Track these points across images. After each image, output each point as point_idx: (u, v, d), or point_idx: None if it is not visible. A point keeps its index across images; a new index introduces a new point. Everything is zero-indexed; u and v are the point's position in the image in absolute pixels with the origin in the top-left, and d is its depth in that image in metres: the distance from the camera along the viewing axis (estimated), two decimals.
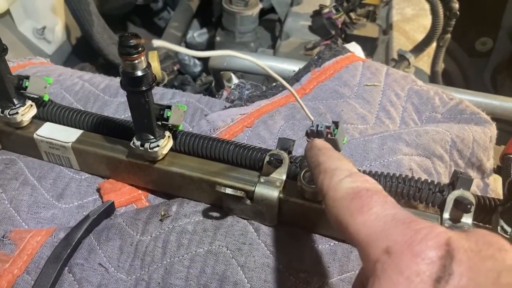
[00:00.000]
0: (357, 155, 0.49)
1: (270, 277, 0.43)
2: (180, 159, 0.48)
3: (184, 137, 0.48)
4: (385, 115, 0.56)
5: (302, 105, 0.41)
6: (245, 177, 0.46)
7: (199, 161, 0.48)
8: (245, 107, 0.56)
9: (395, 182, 0.43)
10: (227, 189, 0.44)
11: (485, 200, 0.43)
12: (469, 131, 0.53)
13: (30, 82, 0.50)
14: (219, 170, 0.47)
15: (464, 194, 0.41)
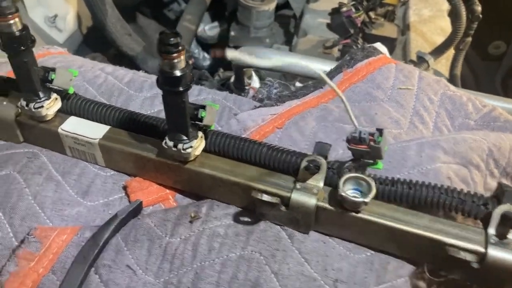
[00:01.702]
0: (395, 162, 0.47)
1: (305, 286, 0.42)
2: (212, 160, 0.47)
3: (215, 137, 0.47)
4: (419, 120, 0.55)
5: (349, 110, 0.39)
6: (280, 183, 0.44)
7: (231, 163, 0.46)
8: (275, 107, 0.54)
9: (437, 192, 0.42)
10: (264, 195, 0.42)
11: None
12: (506, 140, 0.52)
13: (56, 75, 0.49)
14: (252, 174, 0.45)
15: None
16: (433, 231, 0.41)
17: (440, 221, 0.41)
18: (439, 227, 0.41)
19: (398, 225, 0.41)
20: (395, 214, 0.42)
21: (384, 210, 0.42)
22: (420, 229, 0.41)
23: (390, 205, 0.43)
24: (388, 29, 1.08)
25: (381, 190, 0.43)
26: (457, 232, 0.41)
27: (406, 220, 0.41)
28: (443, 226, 0.41)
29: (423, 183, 0.42)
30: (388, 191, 0.42)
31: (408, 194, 0.42)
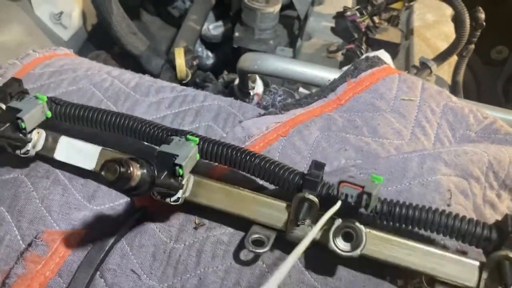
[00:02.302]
0: (396, 172, 0.48)
1: None
2: (205, 188, 0.46)
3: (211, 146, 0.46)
4: (421, 131, 0.56)
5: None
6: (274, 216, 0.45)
7: (225, 191, 0.46)
8: (280, 115, 0.55)
9: (437, 218, 0.42)
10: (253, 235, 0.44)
11: None
12: (506, 153, 0.53)
13: (25, 121, 0.47)
14: (246, 203, 0.46)
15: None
16: (427, 268, 0.42)
17: (434, 255, 0.42)
18: (432, 264, 0.42)
19: (391, 260, 0.42)
20: (391, 252, 0.42)
21: (380, 248, 0.43)
22: (413, 266, 0.42)
23: (385, 238, 0.43)
24: (392, 34, 1.08)
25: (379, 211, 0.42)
26: (450, 268, 0.42)
27: (399, 258, 0.42)
28: (436, 260, 0.42)
29: (424, 207, 0.42)
30: (387, 213, 0.42)
31: (406, 216, 0.42)
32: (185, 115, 0.57)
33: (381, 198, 0.42)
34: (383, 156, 0.51)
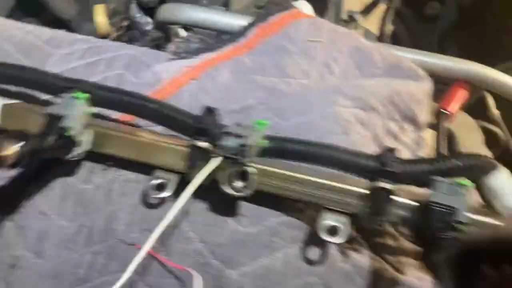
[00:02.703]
0: (298, 106, 0.51)
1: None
2: (107, 139, 0.47)
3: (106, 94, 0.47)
4: (327, 71, 0.58)
5: None
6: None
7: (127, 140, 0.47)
8: (190, 60, 0.56)
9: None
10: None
11: None
12: (404, 86, 0.56)
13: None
14: (148, 150, 0.47)
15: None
16: (315, 198, 0.45)
17: (321, 185, 0.45)
18: (320, 193, 0.45)
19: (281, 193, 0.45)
20: (282, 185, 0.45)
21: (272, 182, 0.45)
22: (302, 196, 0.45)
23: (276, 172, 0.45)
24: None
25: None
26: (336, 197, 0.45)
27: (290, 189, 0.45)
28: (323, 190, 0.45)
29: (307, 142, 0.45)
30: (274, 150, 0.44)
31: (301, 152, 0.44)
32: (97, 65, 0.57)
33: (271, 136, 0.45)
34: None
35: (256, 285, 0.45)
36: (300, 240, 0.47)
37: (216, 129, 0.44)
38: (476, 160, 0.43)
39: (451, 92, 0.65)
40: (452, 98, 0.64)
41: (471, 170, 0.43)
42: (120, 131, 0.47)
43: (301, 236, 0.47)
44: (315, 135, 0.49)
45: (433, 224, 0.39)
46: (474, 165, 0.43)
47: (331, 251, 0.47)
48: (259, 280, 0.45)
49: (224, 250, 0.46)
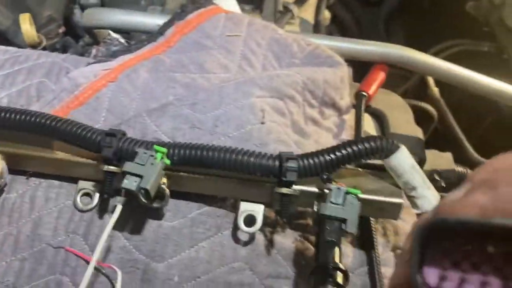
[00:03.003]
0: (214, 99, 0.52)
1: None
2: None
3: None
4: (247, 64, 0.60)
5: None
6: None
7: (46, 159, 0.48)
8: (108, 63, 0.57)
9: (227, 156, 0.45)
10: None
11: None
12: (320, 73, 0.59)
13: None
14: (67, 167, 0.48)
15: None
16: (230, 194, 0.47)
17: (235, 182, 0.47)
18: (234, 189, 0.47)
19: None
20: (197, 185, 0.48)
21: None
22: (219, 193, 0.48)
23: (190, 177, 0.47)
24: None
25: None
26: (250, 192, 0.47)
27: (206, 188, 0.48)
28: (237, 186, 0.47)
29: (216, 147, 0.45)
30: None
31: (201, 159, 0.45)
32: (17, 75, 0.57)
33: (171, 145, 0.45)
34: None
35: (183, 275, 0.47)
36: (224, 228, 0.49)
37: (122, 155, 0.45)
38: (377, 143, 0.45)
39: (370, 75, 0.68)
40: (370, 81, 0.67)
41: (373, 153, 0.45)
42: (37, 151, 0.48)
43: (224, 224, 0.49)
44: (232, 126, 0.51)
45: (323, 231, 0.42)
46: (376, 148, 0.45)
47: (256, 236, 0.49)
48: (185, 271, 0.47)
49: (149, 244, 0.47)
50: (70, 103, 0.53)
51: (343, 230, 0.41)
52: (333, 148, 0.44)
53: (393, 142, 0.45)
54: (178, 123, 0.51)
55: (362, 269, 0.49)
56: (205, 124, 0.51)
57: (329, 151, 0.44)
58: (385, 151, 0.45)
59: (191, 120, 0.51)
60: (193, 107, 0.51)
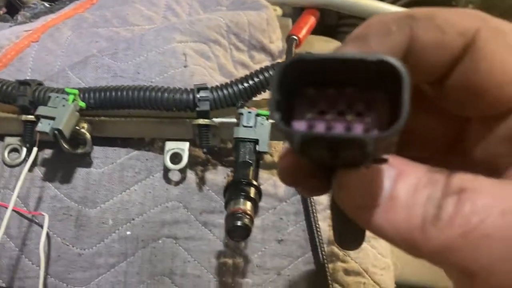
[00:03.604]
0: (135, 47, 0.53)
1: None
2: None
3: None
4: (172, 14, 0.61)
5: None
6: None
7: None
8: (29, 24, 0.57)
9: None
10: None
11: None
12: (243, 16, 0.59)
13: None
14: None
15: None
16: (154, 134, 0.48)
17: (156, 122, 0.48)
18: (157, 129, 0.48)
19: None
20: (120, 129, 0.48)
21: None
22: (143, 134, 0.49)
23: (112, 121, 0.47)
24: None
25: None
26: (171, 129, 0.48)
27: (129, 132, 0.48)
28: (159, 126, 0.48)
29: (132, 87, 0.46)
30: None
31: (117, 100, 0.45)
32: None
33: (84, 89, 0.46)
34: None
35: (117, 218, 0.48)
36: (155, 171, 0.50)
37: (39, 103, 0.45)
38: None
39: (301, 19, 0.69)
40: (301, 24, 0.67)
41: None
42: None
43: (154, 167, 0.50)
44: (155, 72, 0.52)
45: (239, 153, 0.43)
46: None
47: (187, 175, 0.50)
48: (119, 214, 0.48)
49: (80, 192, 0.48)
50: None
51: (257, 151, 0.42)
52: (245, 76, 0.45)
53: None
54: (101, 73, 0.51)
55: (294, 198, 0.51)
56: (127, 72, 0.51)
57: (242, 80, 0.45)
58: None
59: (113, 69, 0.51)
60: (114, 56, 0.52)
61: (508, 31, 0.20)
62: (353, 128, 0.18)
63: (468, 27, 0.20)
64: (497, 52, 0.19)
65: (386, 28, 0.20)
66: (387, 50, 0.20)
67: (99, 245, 0.47)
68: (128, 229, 0.48)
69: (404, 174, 0.19)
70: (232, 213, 0.38)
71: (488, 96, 0.20)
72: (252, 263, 0.48)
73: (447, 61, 0.20)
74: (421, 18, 0.20)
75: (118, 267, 0.47)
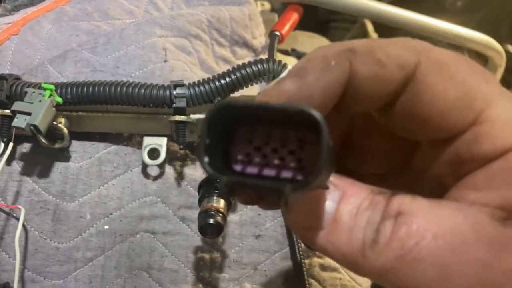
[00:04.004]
0: (114, 42, 0.53)
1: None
2: None
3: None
4: (154, 8, 0.61)
5: None
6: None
7: None
8: (9, 17, 0.57)
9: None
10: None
11: None
12: (225, 11, 0.59)
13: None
14: None
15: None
16: (133, 130, 0.48)
17: (132, 119, 0.48)
18: (134, 126, 0.49)
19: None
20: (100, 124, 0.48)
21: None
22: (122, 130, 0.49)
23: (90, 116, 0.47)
24: None
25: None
26: (149, 125, 0.48)
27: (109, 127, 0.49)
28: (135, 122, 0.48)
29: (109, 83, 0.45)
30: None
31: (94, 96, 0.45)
32: None
33: (60, 84, 0.45)
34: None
35: (95, 213, 0.48)
36: (133, 165, 0.50)
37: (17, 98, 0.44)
38: (264, 65, 0.46)
39: (284, 16, 0.69)
40: (284, 21, 0.68)
41: (262, 75, 0.46)
42: None
43: (133, 162, 0.50)
44: (134, 66, 0.52)
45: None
46: (263, 70, 0.46)
47: (166, 170, 0.50)
48: (97, 208, 0.48)
49: (58, 186, 0.48)
50: None
51: None
52: (223, 73, 0.46)
53: (280, 63, 0.46)
54: (80, 67, 0.51)
55: None
56: (106, 66, 0.51)
57: (219, 77, 0.45)
58: (273, 72, 0.46)
59: (92, 63, 0.51)
60: (93, 50, 0.52)
61: (449, 62, 0.20)
62: (281, 173, 0.20)
63: (408, 61, 0.20)
64: (437, 85, 0.20)
65: (325, 63, 0.21)
66: (324, 86, 0.20)
67: (77, 239, 0.48)
68: (106, 224, 0.48)
69: (347, 195, 0.20)
70: (205, 210, 0.38)
71: (431, 124, 0.21)
72: (229, 258, 0.49)
73: (388, 93, 0.21)
74: (360, 52, 0.21)
75: (95, 261, 0.48)
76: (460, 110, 0.20)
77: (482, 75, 0.20)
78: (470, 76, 0.20)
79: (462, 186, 0.20)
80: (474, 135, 0.20)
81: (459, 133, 0.20)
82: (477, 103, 0.20)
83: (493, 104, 0.20)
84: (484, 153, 0.20)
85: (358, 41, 0.21)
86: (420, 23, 0.78)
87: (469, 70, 0.20)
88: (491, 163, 0.20)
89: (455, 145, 0.21)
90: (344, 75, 0.21)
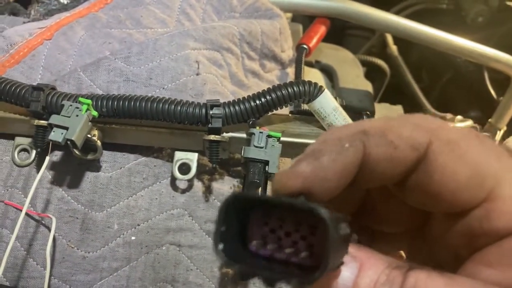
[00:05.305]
0: (148, 52, 0.53)
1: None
2: None
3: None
4: (185, 18, 0.61)
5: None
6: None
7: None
8: (43, 21, 0.57)
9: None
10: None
11: None
12: (257, 25, 0.59)
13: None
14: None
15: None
16: (164, 144, 0.49)
17: (166, 133, 0.48)
18: (166, 140, 0.49)
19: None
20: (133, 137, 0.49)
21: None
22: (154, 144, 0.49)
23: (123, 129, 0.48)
24: None
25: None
26: (182, 141, 0.48)
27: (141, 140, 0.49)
28: (168, 137, 0.48)
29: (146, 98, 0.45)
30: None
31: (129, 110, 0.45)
32: None
33: (97, 96, 0.45)
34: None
35: (122, 223, 0.48)
36: (162, 177, 0.50)
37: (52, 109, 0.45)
38: (300, 88, 0.46)
39: (311, 28, 0.69)
40: (311, 34, 0.68)
41: (297, 98, 0.46)
42: None
43: (162, 173, 0.50)
44: (167, 78, 0.52)
45: (248, 173, 0.43)
46: (299, 92, 0.46)
47: (194, 183, 0.50)
48: (125, 219, 0.49)
49: (87, 195, 0.48)
50: (6, 62, 0.53)
51: (267, 171, 0.43)
52: (258, 94, 0.46)
53: (316, 86, 0.47)
54: (113, 76, 0.51)
55: None
56: (140, 77, 0.51)
57: (254, 97, 0.46)
58: (309, 95, 0.46)
59: (125, 73, 0.51)
60: (127, 60, 0.52)
61: (460, 140, 0.21)
62: (292, 258, 0.21)
63: (420, 141, 0.21)
64: (448, 164, 0.21)
65: (339, 146, 0.21)
66: (339, 168, 0.21)
67: (104, 249, 0.48)
68: (133, 234, 0.49)
69: (365, 268, 0.20)
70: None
71: (443, 200, 0.21)
72: None
73: (401, 173, 0.22)
74: (373, 134, 0.21)
75: (121, 272, 0.48)
76: (471, 188, 0.20)
77: (493, 150, 0.21)
78: (480, 153, 0.21)
79: (476, 261, 0.21)
80: (486, 211, 0.20)
81: (471, 208, 0.21)
82: (487, 180, 0.20)
83: (504, 182, 0.20)
84: (495, 229, 0.20)
85: (370, 122, 0.22)
86: (445, 41, 0.78)
87: (479, 147, 0.21)
88: (502, 240, 0.20)
89: (468, 219, 0.21)
90: (358, 157, 0.21)
